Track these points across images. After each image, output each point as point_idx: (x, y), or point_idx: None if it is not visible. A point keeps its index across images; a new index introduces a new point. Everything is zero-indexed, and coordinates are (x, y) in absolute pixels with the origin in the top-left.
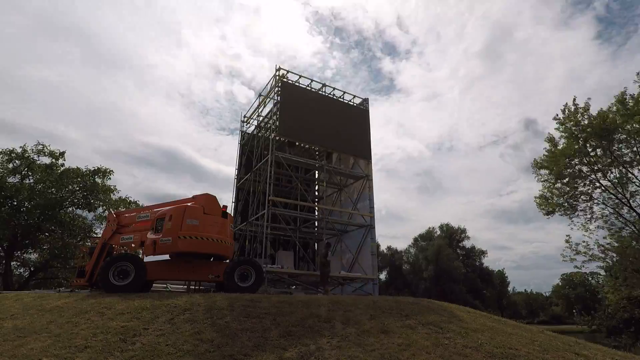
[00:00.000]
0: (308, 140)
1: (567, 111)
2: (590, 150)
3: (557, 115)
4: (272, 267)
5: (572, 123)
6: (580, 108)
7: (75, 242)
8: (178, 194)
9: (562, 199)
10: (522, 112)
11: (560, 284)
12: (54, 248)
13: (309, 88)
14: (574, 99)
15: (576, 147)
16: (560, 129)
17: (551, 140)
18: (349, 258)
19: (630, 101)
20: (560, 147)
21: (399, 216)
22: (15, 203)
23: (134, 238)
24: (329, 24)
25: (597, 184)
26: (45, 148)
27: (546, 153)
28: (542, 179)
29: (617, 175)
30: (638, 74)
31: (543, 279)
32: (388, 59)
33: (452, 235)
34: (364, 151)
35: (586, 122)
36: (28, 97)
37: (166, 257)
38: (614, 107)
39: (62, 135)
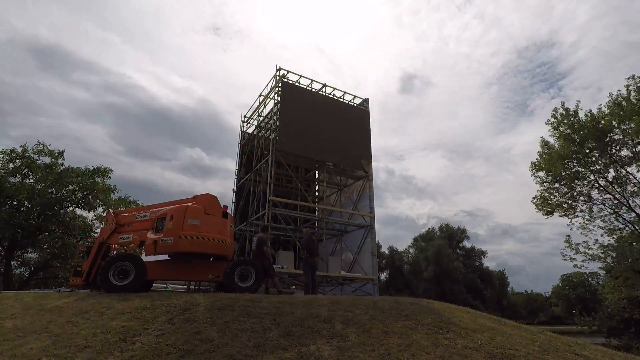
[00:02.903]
0: (309, 149)
1: (559, 115)
2: (587, 151)
3: (549, 119)
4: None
5: (565, 127)
6: (571, 111)
7: (75, 241)
8: None
9: (561, 199)
10: None
11: (560, 284)
12: (54, 248)
13: (309, 88)
14: (563, 103)
15: (573, 149)
16: (556, 134)
17: (545, 143)
18: (349, 258)
19: (625, 102)
20: (556, 149)
21: None
22: (15, 203)
23: (133, 238)
24: None
25: (595, 185)
26: (45, 148)
27: (543, 155)
28: (541, 181)
29: (615, 176)
30: (628, 77)
31: None
32: None
33: (452, 236)
34: (365, 152)
35: (578, 125)
36: None
37: (166, 257)
38: (607, 109)
39: None
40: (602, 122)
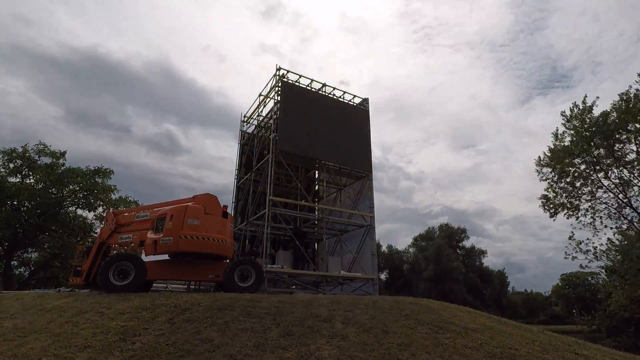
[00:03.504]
0: (309, 149)
1: (575, 109)
2: (593, 149)
3: (564, 111)
4: (272, 267)
5: (578, 121)
6: (587, 107)
7: (75, 241)
8: None
9: (564, 198)
10: None
11: (560, 283)
12: (54, 248)
13: (309, 88)
14: (584, 97)
15: (579, 146)
16: (567, 126)
17: (556, 135)
18: (349, 258)
19: (633, 101)
20: (564, 144)
21: None
22: (15, 203)
23: (133, 237)
24: None
25: (599, 184)
26: (46, 148)
27: (549, 151)
28: (545, 177)
29: (619, 176)
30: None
31: None
32: None
33: (452, 235)
34: (365, 152)
35: (590, 121)
36: None
37: (166, 256)
38: (617, 106)
39: None
40: (610, 120)
